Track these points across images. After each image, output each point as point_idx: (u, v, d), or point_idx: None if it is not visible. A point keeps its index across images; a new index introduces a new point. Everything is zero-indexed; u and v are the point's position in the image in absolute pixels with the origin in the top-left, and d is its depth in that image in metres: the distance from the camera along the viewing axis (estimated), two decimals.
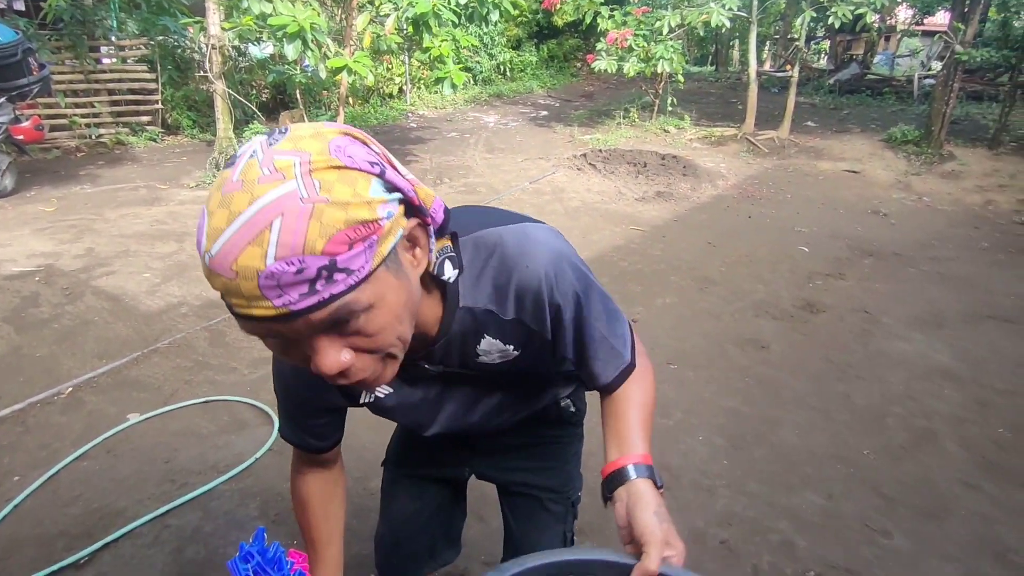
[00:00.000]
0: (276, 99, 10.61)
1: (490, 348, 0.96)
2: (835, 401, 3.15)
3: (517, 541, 1.39)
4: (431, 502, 1.43)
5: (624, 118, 11.21)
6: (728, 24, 9.28)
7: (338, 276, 0.62)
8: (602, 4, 10.14)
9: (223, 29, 6.89)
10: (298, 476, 1.21)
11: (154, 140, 9.12)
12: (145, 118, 9.24)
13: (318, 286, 0.62)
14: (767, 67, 18.46)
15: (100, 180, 7.14)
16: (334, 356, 0.69)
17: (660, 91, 11.03)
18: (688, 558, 0.80)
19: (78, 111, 8.63)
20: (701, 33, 10.16)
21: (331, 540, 1.23)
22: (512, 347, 0.97)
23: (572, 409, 1.32)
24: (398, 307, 0.72)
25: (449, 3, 6.22)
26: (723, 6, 8.86)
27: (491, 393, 1.11)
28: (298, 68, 7.02)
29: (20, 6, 9.53)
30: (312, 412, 1.08)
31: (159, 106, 9.34)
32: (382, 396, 1.04)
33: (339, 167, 0.63)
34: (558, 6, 10.27)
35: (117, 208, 6.04)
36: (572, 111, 12.96)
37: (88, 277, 4.40)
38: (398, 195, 0.69)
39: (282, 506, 2.36)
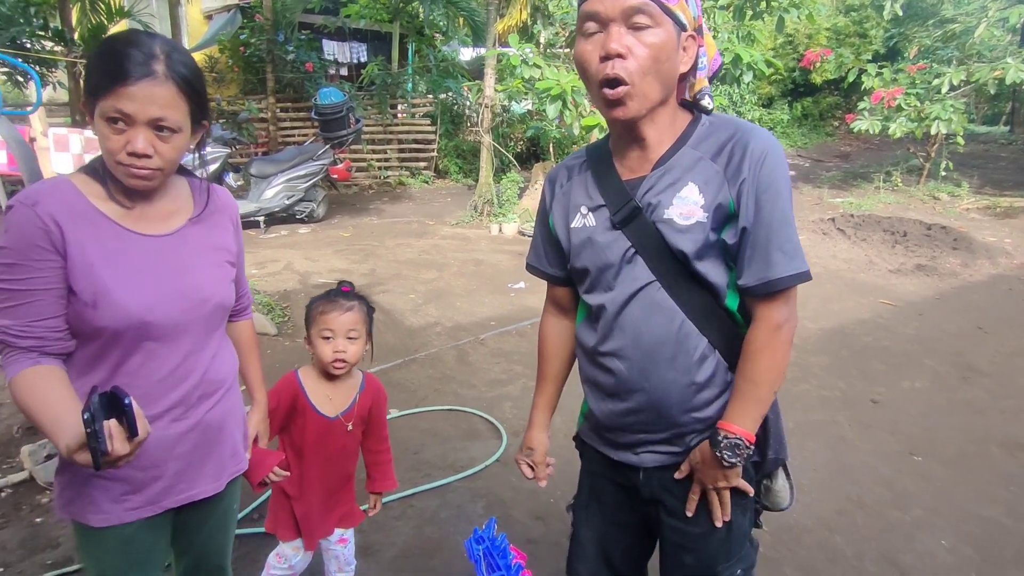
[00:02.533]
0: (530, 150, 11.69)
1: (686, 199, 1.18)
2: None
3: None
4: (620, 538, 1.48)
5: (885, 182, 10.23)
6: None
7: None
8: (869, 61, 9.50)
9: (496, 91, 7.90)
10: (544, 317, 1.55)
11: (427, 183, 10.65)
12: (423, 164, 10.86)
13: None
14: None
15: (384, 214, 8.56)
16: (620, 37, 1.10)
17: (932, 154, 9.88)
18: None
19: (375, 156, 10.46)
20: (992, 91, 8.94)
21: (554, 378, 1.54)
22: (702, 207, 1.17)
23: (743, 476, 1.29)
24: (666, 50, 1.12)
25: None
26: (1023, 60, 7.75)
27: (664, 285, 1.22)
28: (554, 125, 7.74)
29: (344, 72, 11.91)
30: (546, 242, 1.43)
31: (434, 154, 10.91)
32: (590, 226, 1.29)
33: None
34: (818, 64, 9.85)
35: (395, 238, 7.20)
36: (823, 172, 12.16)
37: (370, 292, 5.30)
38: (697, 14, 1.18)
39: (503, 511, 2.67)
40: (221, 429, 1.36)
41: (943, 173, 9.95)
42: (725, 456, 1.20)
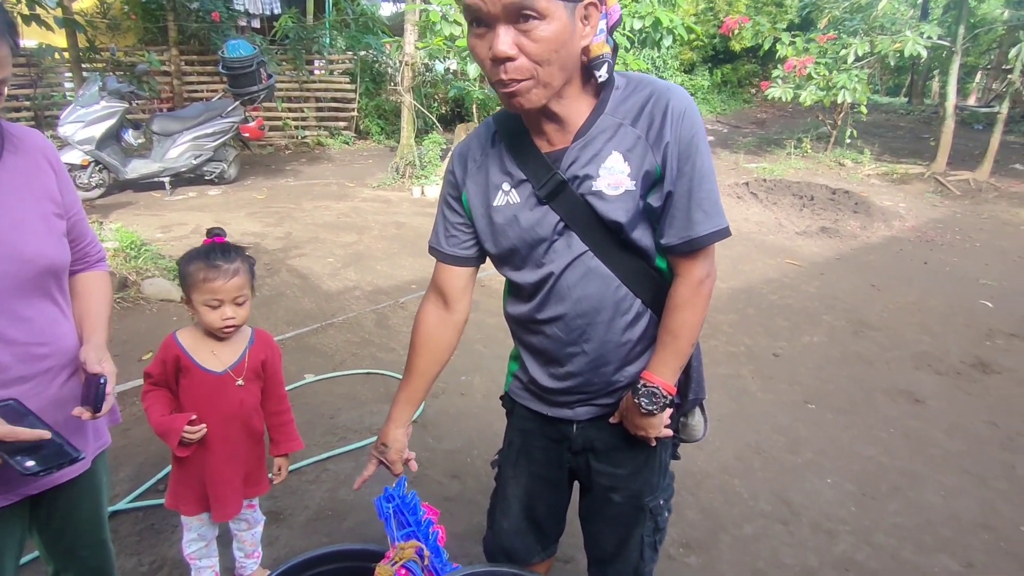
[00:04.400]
0: (454, 112, 11.47)
1: (612, 169, 1.17)
2: (994, 468, 2.89)
3: (587, 536, 1.52)
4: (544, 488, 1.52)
5: (796, 148, 10.71)
6: (924, 54, 8.57)
7: None
8: (784, 30, 9.80)
9: (416, 48, 7.65)
10: (423, 305, 1.45)
11: (347, 143, 10.28)
12: (342, 124, 10.46)
13: None
14: (972, 101, 16.57)
15: (301, 175, 8.22)
16: (507, 40, 1.01)
17: (839, 122, 10.40)
18: None
19: (290, 115, 9.98)
20: (892, 63, 9.44)
21: (424, 374, 1.44)
22: (629, 175, 1.16)
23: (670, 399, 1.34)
24: (561, 39, 1.03)
25: (623, 29, 6.43)
26: (921, 34, 8.20)
27: (598, 254, 1.22)
28: (477, 85, 7.60)
29: (256, 24, 11.23)
30: (454, 224, 1.35)
31: (355, 113, 10.52)
32: (514, 203, 1.24)
33: None
34: (736, 31, 10.08)
35: (312, 200, 6.94)
36: (740, 138, 12.58)
37: (285, 256, 5.16)
38: None
39: (420, 471, 2.65)
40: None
41: (848, 140, 10.50)
42: (643, 403, 1.25)
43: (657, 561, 1.49)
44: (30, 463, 1.07)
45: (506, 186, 1.26)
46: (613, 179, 1.17)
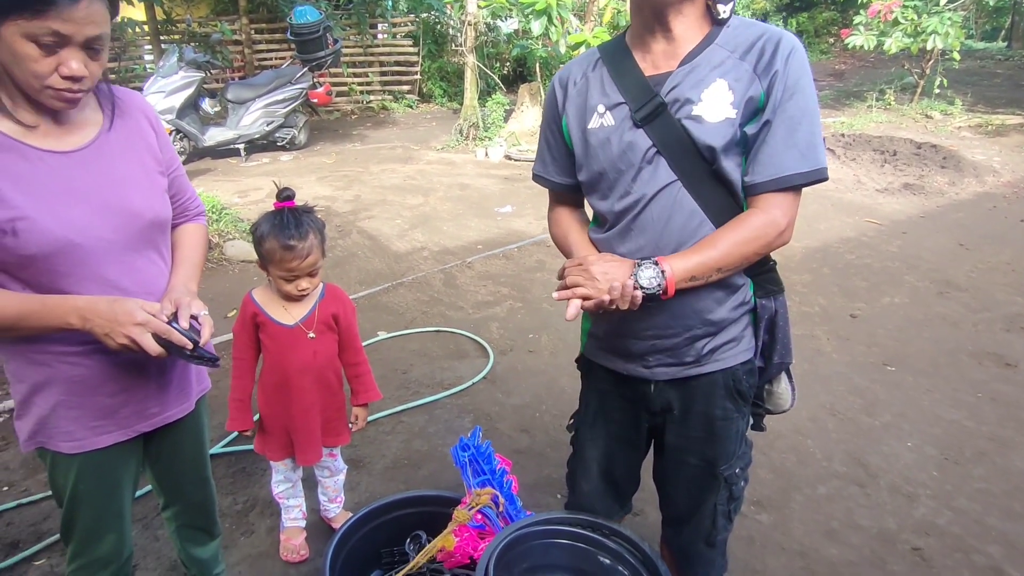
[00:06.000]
0: (517, 72, 11.34)
1: (715, 95, 1.15)
2: None
3: (662, 497, 1.53)
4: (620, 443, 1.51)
5: (878, 101, 10.05)
6: None
7: None
8: None
9: (479, 7, 7.57)
10: (552, 212, 1.49)
11: (411, 107, 10.37)
12: (406, 87, 10.52)
13: None
14: None
15: (367, 139, 8.37)
16: None
17: (927, 70, 9.67)
18: (873, 557, 0.89)
19: (356, 80, 10.11)
20: (991, 3, 8.66)
21: (581, 228, 1.42)
22: (732, 103, 1.15)
23: (744, 386, 1.35)
24: None
25: None
26: None
27: (687, 185, 1.20)
28: (539, 43, 7.47)
29: None
30: (557, 150, 1.39)
31: (418, 76, 10.56)
32: (608, 125, 1.23)
33: None
34: None
35: (379, 164, 7.07)
36: (817, 92, 11.91)
37: (355, 219, 5.30)
38: None
39: (489, 425, 2.76)
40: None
41: (937, 91, 9.76)
42: (639, 271, 1.14)
43: (732, 530, 1.49)
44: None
45: (601, 108, 1.25)
46: (714, 105, 1.16)
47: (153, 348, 1.11)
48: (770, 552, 2.12)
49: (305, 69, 7.22)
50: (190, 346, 1.17)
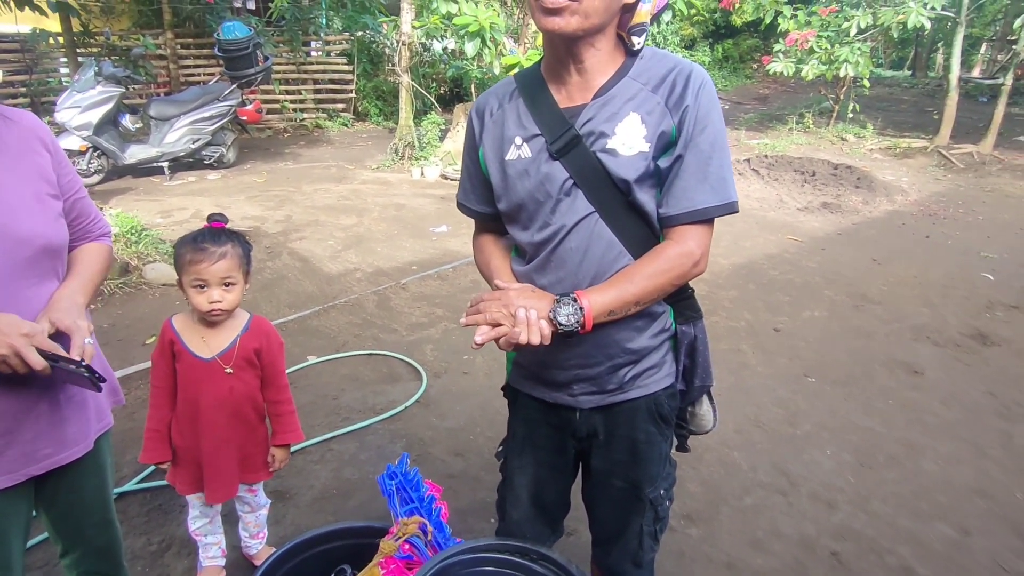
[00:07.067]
0: (452, 92, 11.39)
1: (628, 129, 1.17)
2: (990, 437, 2.92)
3: (591, 518, 1.53)
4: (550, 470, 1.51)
5: (798, 124, 10.62)
6: (928, 25, 8.46)
7: None
8: (785, 3, 9.67)
9: (413, 27, 7.58)
10: (476, 238, 1.49)
11: (346, 125, 10.24)
12: (340, 105, 10.40)
13: None
14: (976, 72, 16.37)
15: (300, 158, 8.20)
16: None
17: (842, 96, 10.30)
18: (795, 563, 0.92)
19: (288, 97, 9.93)
20: (896, 35, 9.31)
21: (504, 255, 1.42)
22: (644, 137, 1.17)
23: (666, 409, 1.37)
24: None
25: None
26: (924, 5, 8.09)
27: (604, 216, 1.21)
28: (475, 64, 7.54)
29: (252, 5, 11.11)
30: (476, 178, 1.39)
31: (353, 95, 10.46)
32: (525, 157, 1.24)
33: None
34: (737, 5, 9.95)
35: (312, 183, 6.94)
36: (742, 114, 12.49)
37: (286, 240, 5.17)
38: None
39: (423, 450, 2.71)
40: (83, 387, 1.24)
41: (850, 115, 10.41)
42: (558, 308, 1.15)
43: (658, 550, 1.50)
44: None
45: (519, 140, 1.26)
46: (628, 138, 1.17)
47: (37, 362, 1.05)
48: (699, 565, 2.16)
49: (234, 86, 7.04)
50: (78, 359, 1.11)
